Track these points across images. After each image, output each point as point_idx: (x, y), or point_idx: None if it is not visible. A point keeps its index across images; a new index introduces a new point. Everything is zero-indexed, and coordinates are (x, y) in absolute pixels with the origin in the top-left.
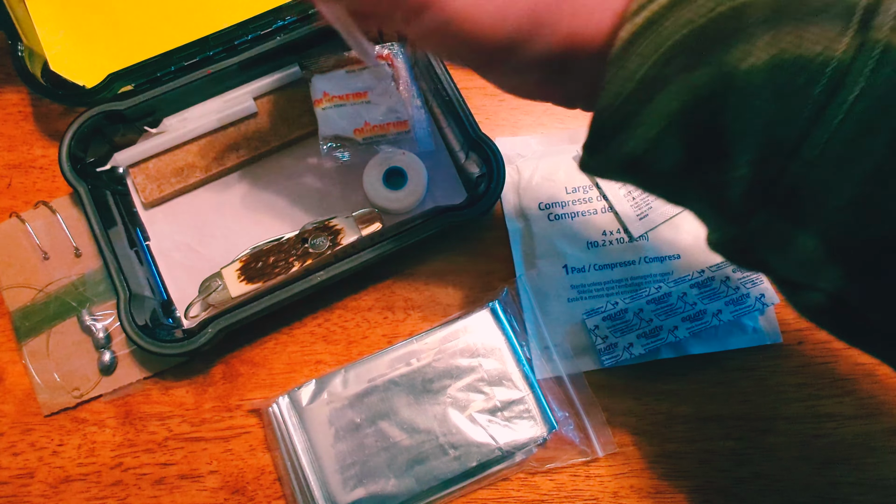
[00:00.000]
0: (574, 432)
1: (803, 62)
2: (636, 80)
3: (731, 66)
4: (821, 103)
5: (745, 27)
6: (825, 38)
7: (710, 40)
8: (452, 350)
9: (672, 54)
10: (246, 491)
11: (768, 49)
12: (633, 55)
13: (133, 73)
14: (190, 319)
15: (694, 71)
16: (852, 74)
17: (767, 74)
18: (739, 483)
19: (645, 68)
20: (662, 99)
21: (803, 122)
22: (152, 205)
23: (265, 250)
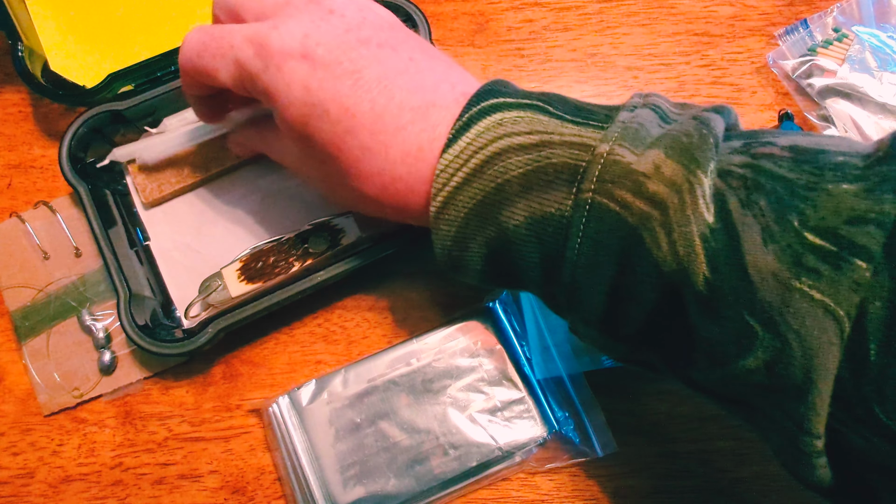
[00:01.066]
0: (574, 432)
1: (547, 218)
2: (450, 238)
3: (504, 224)
4: (561, 244)
5: (507, 198)
6: (556, 201)
7: (487, 208)
8: (452, 350)
9: (468, 220)
10: (246, 491)
11: (523, 211)
12: (441, 222)
13: (133, 73)
14: (190, 319)
15: (484, 230)
16: (573, 227)
17: (528, 228)
18: (739, 483)
19: (454, 229)
20: (473, 248)
21: (558, 258)
22: (152, 205)
23: (265, 250)
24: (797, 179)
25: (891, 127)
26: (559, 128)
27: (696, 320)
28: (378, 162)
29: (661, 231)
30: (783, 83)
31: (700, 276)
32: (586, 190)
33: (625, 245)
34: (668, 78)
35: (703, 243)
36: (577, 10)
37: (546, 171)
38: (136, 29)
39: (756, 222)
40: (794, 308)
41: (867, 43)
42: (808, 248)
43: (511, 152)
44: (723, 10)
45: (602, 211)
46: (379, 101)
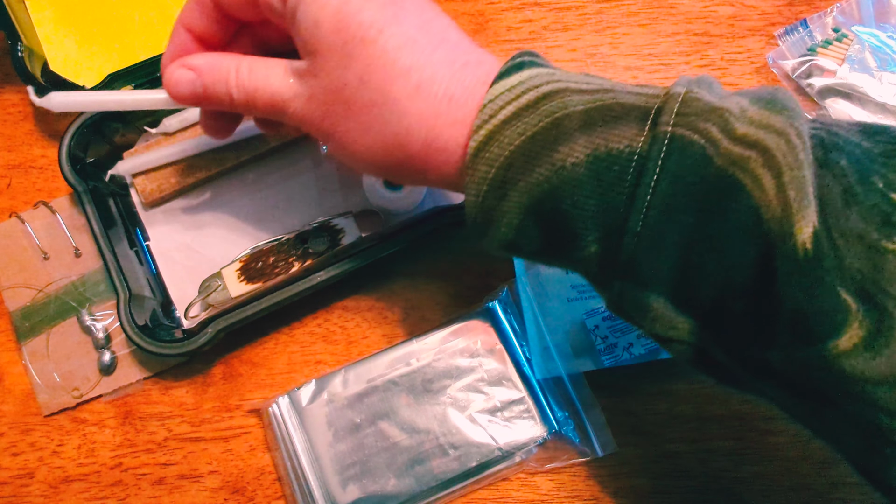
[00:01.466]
0: (574, 432)
1: (614, 156)
2: (488, 182)
3: (559, 164)
4: (632, 186)
5: (565, 133)
6: (627, 137)
7: (539, 145)
8: (452, 350)
9: (512, 160)
10: (246, 491)
11: (584, 148)
12: (480, 162)
13: (133, 73)
14: (190, 319)
15: (532, 172)
16: (651, 161)
17: (588, 168)
18: (739, 483)
19: (493, 172)
20: (513, 196)
21: (623, 203)
22: (152, 205)
23: (265, 250)
24: (872, 147)
25: None
26: (618, 85)
27: (786, 287)
28: (421, 56)
29: (765, 172)
30: (783, 83)
31: (810, 226)
32: (665, 123)
33: (712, 187)
34: (667, 78)
35: (817, 192)
36: (576, 10)
37: (612, 109)
38: (136, 29)
39: (836, 182)
40: (888, 272)
41: (867, 43)
42: None
43: (570, 93)
44: (722, 10)
45: (685, 144)
46: (426, 12)
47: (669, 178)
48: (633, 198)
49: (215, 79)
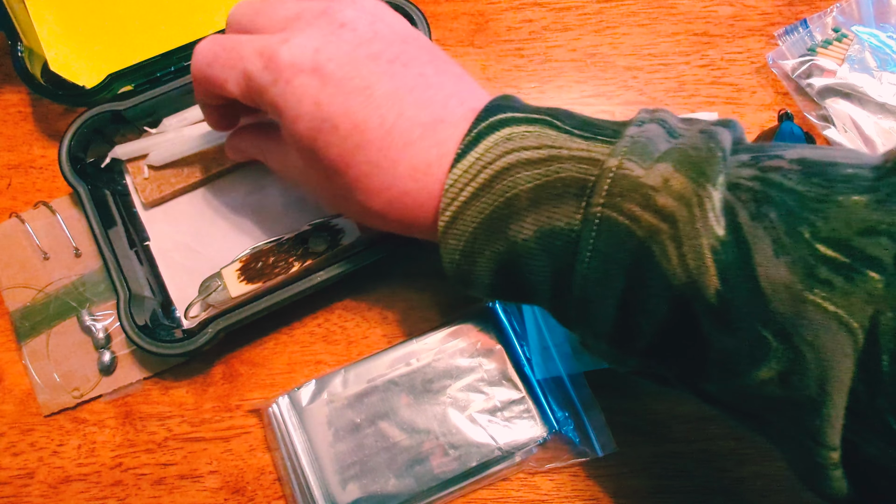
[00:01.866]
0: (574, 432)
1: (556, 232)
2: (458, 252)
3: (512, 239)
4: (571, 258)
5: (515, 212)
6: (566, 215)
7: (495, 223)
8: (452, 350)
9: (476, 234)
10: (246, 491)
11: (532, 225)
12: (449, 237)
13: (133, 73)
14: (190, 319)
15: (493, 244)
16: (583, 241)
17: (537, 242)
18: (739, 483)
19: (462, 244)
20: (481, 262)
21: (567, 271)
22: (152, 205)
23: (265, 250)
24: (807, 192)
25: (890, 127)
26: (567, 142)
27: (709, 332)
28: (386, 177)
29: (670, 244)
30: (783, 83)
31: (711, 288)
32: (595, 204)
33: (634, 258)
34: (667, 78)
35: (714, 256)
36: (576, 10)
37: (555, 185)
38: (136, 29)
39: (767, 234)
40: (807, 320)
41: (867, 43)
42: (820, 259)
43: (520, 167)
44: (722, 10)
45: (611, 224)
46: (388, 117)
47: (599, 256)
48: (573, 268)
49: (244, 158)
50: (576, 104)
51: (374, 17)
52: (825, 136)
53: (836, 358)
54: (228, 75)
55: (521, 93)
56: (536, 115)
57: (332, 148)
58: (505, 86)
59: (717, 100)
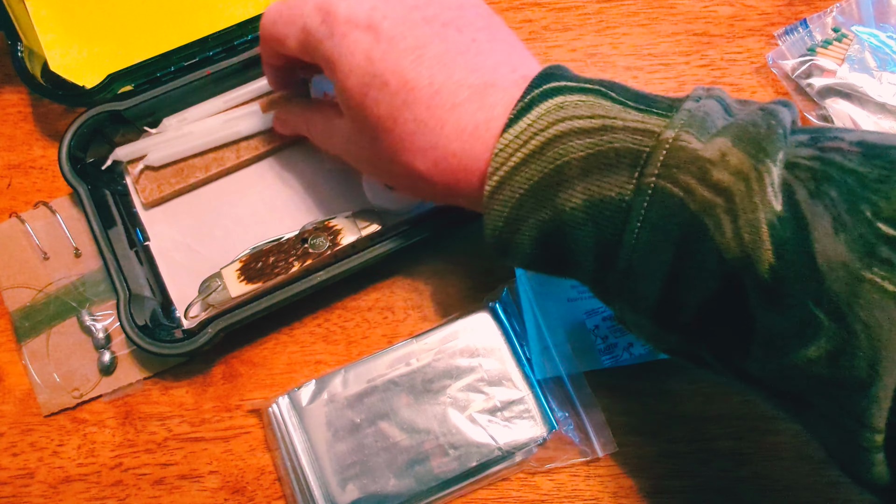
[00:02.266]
0: (574, 432)
1: (606, 202)
2: (503, 218)
3: (560, 207)
4: (619, 230)
5: (565, 180)
6: (618, 185)
7: (543, 190)
8: (452, 350)
9: (522, 201)
10: (246, 491)
11: (582, 194)
12: (495, 202)
13: (133, 73)
14: (190, 319)
15: (539, 212)
16: (634, 211)
17: (585, 212)
18: (739, 483)
19: (507, 211)
20: (525, 230)
21: (614, 242)
22: (152, 205)
23: (265, 250)
24: (868, 173)
25: (890, 127)
26: (622, 113)
27: (757, 309)
28: (432, 137)
29: (725, 217)
30: (783, 83)
31: (766, 263)
32: (650, 174)
33: (685, 231)
34: (667, 78)
35: (771, 230)
36: (576, 10)
37: (608, 155)
38: (136, 29)
39: (827, 212)
40: (863, 299)
41: (867, 43)
42: (881, 238)
43: (572, 135)
44: (722, 10)
45: (665, 196)
46: (438, 77)
47: (649, 227)
48: (621, 239)
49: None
50: None
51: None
52: None
53: (891, 339)
54: (289, 31)
55: None
56: (590, 84)
57: (381, 105)
58: None
59: None
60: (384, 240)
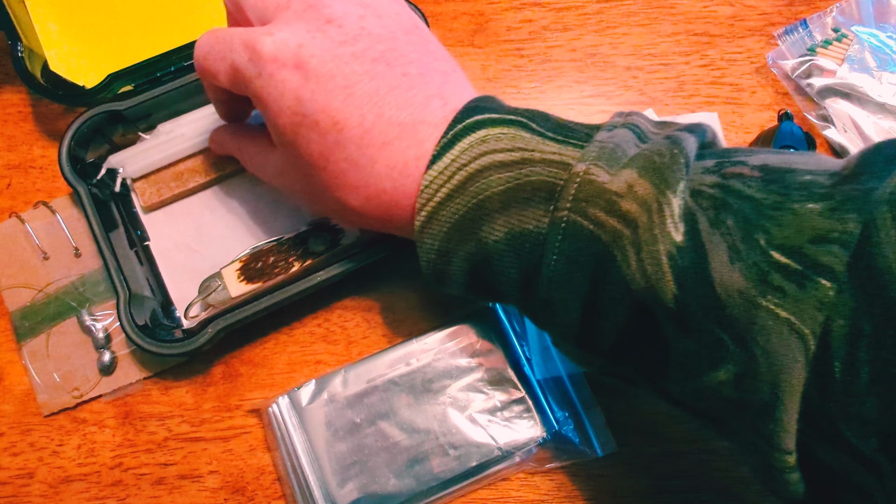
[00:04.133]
0: (574, 432)
1: (525, 234)
2: (434, 251)
3: (484, 240)
4: (538, 261)
5: (486, 214)
6: (534, 219)
7: (468, 224)
8: (452, 350)
9: (450, 234)
10: (246, 491)
11: (503, 227)
12: (425, 236)
13: (133, 73)
14: (190, 319)
15: (465, 245)
16: (549, 244)
17: (507, 244)
18: (739, 483)
19: (437, 244)
20: (455, 262)
21: (535, 273)
22: (151, 209)
23: (265, 250)
24: (764, 199)
25: (890, 127)
26: (540, 145)
27: (669, 334)
28: (363, 175)
29: (630, 249)
30: (783, 83)
31: (668, 293)
32: (562, 208)
33: (597, 262)
34: (667, 78)
35: (670, 262)
36: (576, 10)
37: (525, 189)
38: (136, 29)
39: (723, 241)
40: (759, 325)
41: (866, 43)
42: (773, 266)
43: (492, 169)
44: (722, 10)
45: (576, 229)
46: (368, 116)
47: (564, 259)
48: (539, 268)
49: (224, 152)
50: (576, 104)
51: (364, 12)
52: (825, 136)
53: (787, 363)
54: (220, 67)
55: (520, 93)
56: (513, 116)
57: (313, 144)
58: (505, 86)
59: (717, 100)
60: (384, 239)
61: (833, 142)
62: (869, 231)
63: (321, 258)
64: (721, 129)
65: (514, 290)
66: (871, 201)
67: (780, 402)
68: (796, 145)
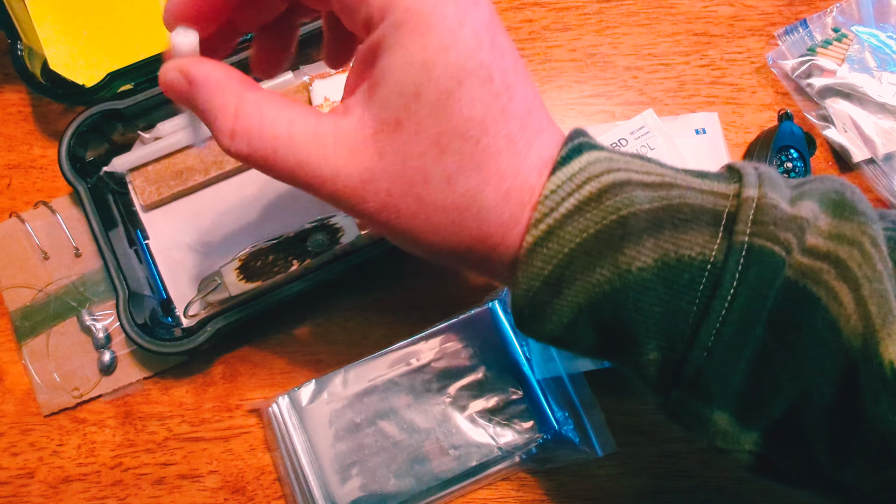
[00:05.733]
0: (574, 432)
1: (685, 263)
2: (542, 278)
3: (624, 267)
4: (706, 298)
5: (632, 233)
6: (699, 244)
7: (602, 245)
8: (452, 350)
9: (573, 256)
10: (246, 491)
11: (653, 252)
12: (537, 258)
13: (133, 72)
14: (189, 318)
15: (593, 271)
16: (727, 273)
17: (656, 274)
18: (739, 483)
19: (549, 268)
20: (568, 294)
21: (695, 314)
22: (151, 207)
23: (264, 249)
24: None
25: (890, 127)
26: (679, 174)
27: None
28: (517, 162)
29: (840, 285)
30: (783, 83)
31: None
32: (741, 232)
33: (783, 300)
34: (667, 78)
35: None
36: (576, 10)
37: (681, 210)
38: (136, 27)
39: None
40: None
41: (867, 43)
42: None
43: (633, 186)
44: (722, 10)
45: (765, 255)
46: (530, 93)
47: (748, 292)
48: (708, 310)
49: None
50: (576, 104)
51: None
52: (825, 136)
53: None
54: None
55: None
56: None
57: (476, 103)
58: None
59: (717, 100)
60: (384, 239)
61: (833, 142)
62: None
63: (320, 257)
64: (721, 129)
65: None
66: None
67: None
68: (796, 145)
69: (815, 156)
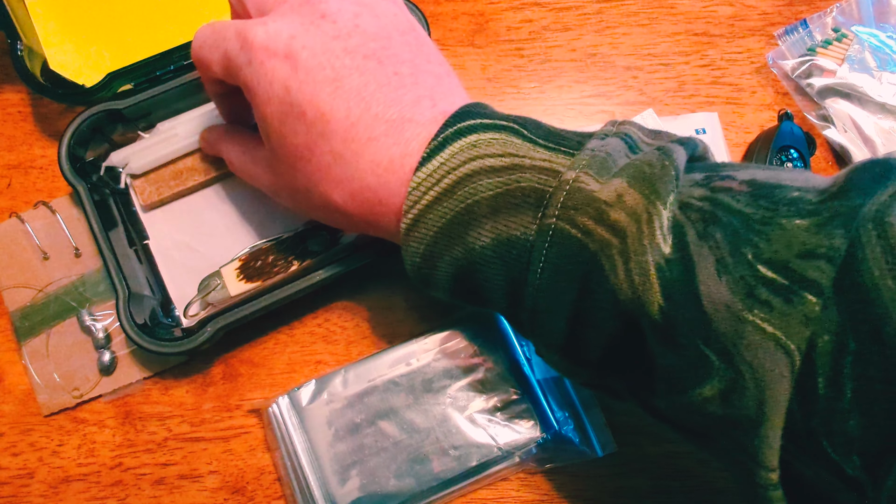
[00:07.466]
0: (574, 432)
1: (512, 241)
2: (419, 255)
3: (470, 245)
4: (524, 268)
5: (475, 219)
6: (522, 225)
7: (455, 229)
8: (452, 350)
9: (436, 238)
10: (246, 491)
11: (490, 233)
12: (411, 239)
13: (133, 71)
14: (189, 318)
15: (452, 250)
16: (536, 251)
17: (493, 250)
18: None
19: (423, 248)
20: (441, 266)
21: (521, 281)
22: (151, 208)
23: (264, 249)
24: (753, 214)
25: (890, 127)
26: (531, 152)
27: (654, 348)
28: (348, 170)
29: (618, 258)
30: (783, 83)
31: (655, 305)
32: (550, 216)
33: (585, 271)
34: (667, 78)
35: (658, 273)
36: (576, 10)
37: (514, 195)
38: (136, 28)
39: (711, 254)
40: (746, 340)
41: (867, 43)
42: (760, 280)
43: (482, 174)
44: (722, 10)
45: (564, 237)
46: (355, 110)
47: (551, 267)
48: (525, 278)
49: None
50: (576, 104)
51: (360, 10)
52: (825, 136)
53: (773, 379)
54: (214, 56)
55: (520, 93)
56: (505, 122)
57: (298, 135)
58: (505, 86)
59: (717, 100)
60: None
61: (833, 142)
62: (854, 248)
63: (321, 257)
64: (721, 129)
65: (500, 297)
66: (857, 218)
67: (765, 418)
68: (796, 145)
69: (816, 156)
